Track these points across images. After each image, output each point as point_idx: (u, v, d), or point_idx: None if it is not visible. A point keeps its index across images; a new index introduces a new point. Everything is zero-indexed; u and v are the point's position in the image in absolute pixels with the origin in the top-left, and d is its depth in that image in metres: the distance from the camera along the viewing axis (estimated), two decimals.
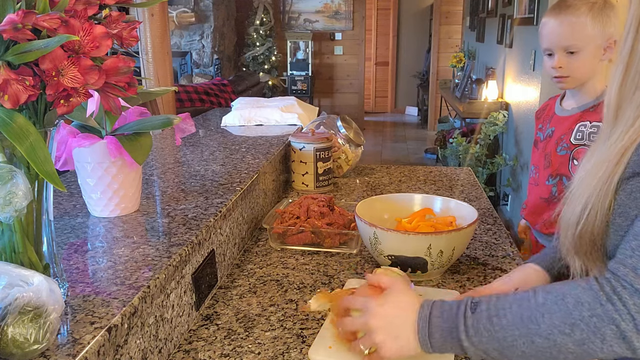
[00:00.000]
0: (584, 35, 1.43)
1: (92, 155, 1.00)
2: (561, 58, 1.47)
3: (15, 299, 0.59)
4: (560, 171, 1.56)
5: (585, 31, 1.42)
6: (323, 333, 0.90)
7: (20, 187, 0.62)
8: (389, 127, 8.30)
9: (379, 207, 1.26)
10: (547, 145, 1.62)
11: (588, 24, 1.42)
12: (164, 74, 2.67)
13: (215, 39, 6.14)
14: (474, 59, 5.74)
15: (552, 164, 1.58)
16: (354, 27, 7.31)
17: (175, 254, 0.88)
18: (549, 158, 1.60)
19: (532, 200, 1.67)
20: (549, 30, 1.48)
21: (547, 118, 1.65)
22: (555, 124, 1.60)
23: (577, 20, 1.42)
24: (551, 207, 1.58)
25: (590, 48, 1.44)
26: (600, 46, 1.45)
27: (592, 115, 1.50)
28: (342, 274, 1.17)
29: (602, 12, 1.43)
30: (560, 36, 1.46)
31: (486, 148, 4.13)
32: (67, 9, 0.64)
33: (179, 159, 1.53)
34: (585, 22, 1.42)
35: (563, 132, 1.56)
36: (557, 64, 1.47)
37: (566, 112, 1.58)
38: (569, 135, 1.53)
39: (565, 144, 1.54)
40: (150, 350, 0.81)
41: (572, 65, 1.47)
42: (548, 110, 1.68)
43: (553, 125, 1.61)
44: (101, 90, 0.69)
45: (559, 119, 1.60)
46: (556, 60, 1.47)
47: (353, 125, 1.88)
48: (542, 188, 1.61)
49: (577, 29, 1.43)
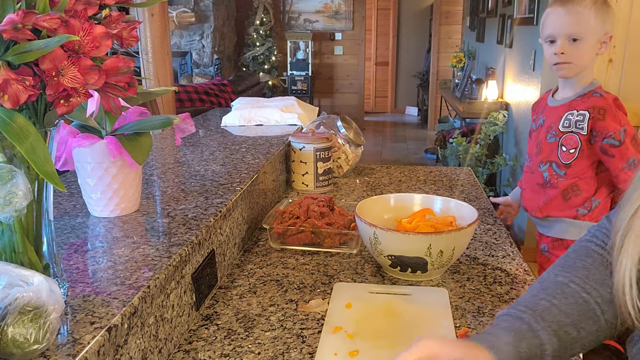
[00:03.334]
0: (588, 25, 1.53)
1: (92, 155, 1.00)
2: (564, 44, 1.56)
3: (15, 299, 0.59)
4: (550, 157, 1.66)
5: (590, 22, 1.53)
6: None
7: (20, 187, 0.62)
8: (389, 127, 8.30)
9: (379, 207, 1.26)
10: (538, 134, 1.72)
11: (592, 16, 1.53)
12: (164, 74, 2.67)
13: (215, 39, 6.14)
14: (474, 59, 5.74)
15: (542, 150, 1.69)
16: (354, 27, 7.31)
17: (175, 254, 0.88)
18: (540, 146, 1.70)
19: (529, 187, 1.77)
20: (555, 17, 1.57)
21: (540, 109, 1.76)
22: (547, 114, 1.70)
23: (583, 11, 1.53)
24: (546, 192, 1.69)
25: (591, 39, 1.55)
26: (599, 40, 1.56)
27: (579, 105, 1.60)
28: (342, 274, 1.17)
29: (603, 8, 1.54)
30: (566, 23, 1.55)
31: (486, 148, 4.13)
32: (67, 9, 0.64)
33: (179, 159, 1.53)
34: (589, 14, 1.53)
35: (552, 120, 1.66)
36: (560, 50, 1.56)
37: (557, 102, 1.68)
38: (557, 124, 1.64)
39: (554, 131, 1.65)
40: (150, 350, 0.81)
41: (574, 53, 1.56)
42: (541, 102, 1.78)
43: (545, 115, 1.71)
44: (101, 90, 0.69)
45: (550, 109, 1.70)
46: (559, 46, 1.56)
47: (353, 125, 1.88)
48: (536, 174, 1.71)
49: (583, 18, 1.53)
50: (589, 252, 0.83)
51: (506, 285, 1.11)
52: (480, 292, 1.08)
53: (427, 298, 1.05)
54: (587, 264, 0.81)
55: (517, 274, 1.16)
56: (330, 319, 0.97)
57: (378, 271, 1.18)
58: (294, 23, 7.30)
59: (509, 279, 1.14)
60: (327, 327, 0.94)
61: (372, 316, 0.98)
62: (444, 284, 1.12)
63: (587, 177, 1.63)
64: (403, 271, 1.12)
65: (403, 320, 0.97)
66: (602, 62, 3.01)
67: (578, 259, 0.83)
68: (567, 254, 0.86)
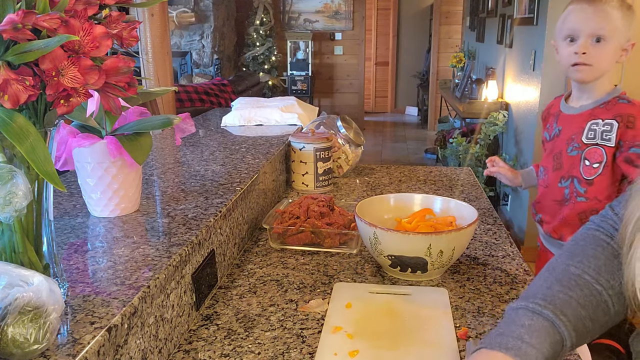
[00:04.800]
0: (615, 26, 1.43)
1: (92, 155, 1.00)
2: (587, 43, 1.43)
3: (15, 299, 0.59)
4: (572, 173, 1.50)
5: (616, 23, 1.43)
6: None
7: (20, 187, 0.62)
8: (389, 127, 8.30)
9: (379, 207, 1.26)
10: (554, 145, 1.57)
11: (619, 18, 1.43)
12: (164, 74, 2.67)
13: (215, 39, 6.14)
14: (474, 59, 5.74)
15: (563, 165, 1.53)
16: (354, 27, 7.31)
17: (175, 254, 0.88)
18: (558, 159, 1.54)
19: (545, 202, 1.62)
20: (580, 14, 1.45)
21: (554, 117, 1.60)
22: (563, 123, 1.55)
23: (612, 11, 1.43)
24: (562, 211, 1.55)
25: (615, 42, 1.44)
26: (622, 44, 1.45)
27: (604, 113, 1.45)
28: (342, 274, 1.17)
29: (629, 13, 1.45)
30: (593, 21, 1.43)
31: (486, 148, 4.13)
32: (67, 9, 0.64)
33: (179, 159, 1.53)
34: (617, 16, 1.43)
35: (573, 131, 1.50)
36: (582, 49, 1.43)
37: (574, 109, 1.53)
38: (580, 135, 1.48)
39: (576, 143, 1.49)
40: (150, 350, 0.81)
41: (596, 54, 1.43)
42: (553, 109, 1.63)
43: (560, 124, 1.56)
44: (101, 90, 0.69)
45: (566, 117, 1.54)
46: (581, 45, 1.44)
47: (353, 125, 1.88)
48: (554, 190, 1.56)
49: (611, 18, 1.43)
50: (598, 242, 0.81)
51: (506, 285, 1.11)
52: (480, 292, 1.08)
53: (427, 298, 1.05)
54: (597, 253, 0.80)
55: (517, 274, 1.16)
56: (330, 319, 0.97)
57: (378, 271, 1.18)
58: (294, 23, 7.30)
59: (509, 279, 1.14)
60: (327, 327, 0.94)
61: (372, 316, 0.98)
62: (444, 284, 1.12)
63: (607, 200, 1.46)
64: (403, 271, 1.12)
65: (403, 320, 0.97)
66: None
67: (588, 247, 0.81)
68: (575, 242, 0.84)
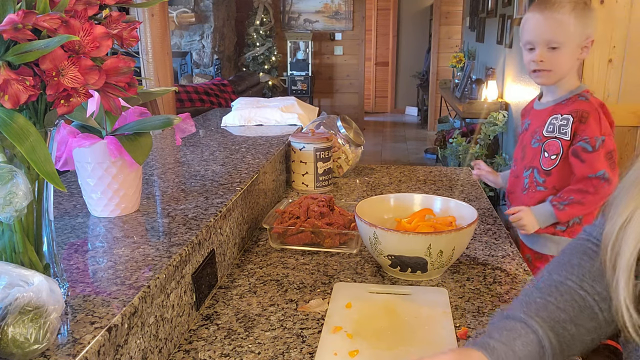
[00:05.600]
0: (567, 32, 1.47)
1: (92, 155, 1.00)
2: (543, 52, 1.50)
3: (16, 299, 0.59)
4: (533, 163, 1.59)
5: (568, 29, 1.47)
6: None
7: (20, 187, 0.62)
8: (389, 127, 8.30)
9: (379, 207, 1.26)
10: (523, 137, 1.66)
11: (571, 23, 1.47)
12: (164, 74, 2.67)
13: (215, 39, 6.14)
14: (473, 59, 5.74)
15: (526, 156, 1.62)
16: (353, 27, 7.31)
17: (176, 254, 0.88)
18: (524, 150, 1.64)
19: (515, 191, 1.68)
20: (533, 24, 1.52)
21: (527, 112, 1.71)
22: (532, 117, 1.65)
23: (562, 18, 1.46)
24: (523, 199, 1.61)
25: (571, 45, 1.49)
26: (579, 45, 1.50)
27: (564, 108, 1.54)
28: (342, 274, 1.17)
29: (583, 13, 1.48)
30: (544, 31, 1.49)
31: (486, 148, 4.13)
32: (67, 9, 0.64)
33: (179, 159, 1.54)
34: (569, 21, 1.46)
35: (537, 125, 1.60)
36: (539, 58, 1.51)
37: (542, 105, 1.63)
38: (542, 128, 1.57)
39: (538, 136, 1.58)
40: (151, 350, 0.81)
41: (553, 61, 1.50)
42: (528, 106, 1.73)
43: (530, 119, 1.66)
44: (101, 90, 0.69)
45: (535, 113, 1.65)
46: (537, 54, 1.51)
47: (353, 125, 1.88)
48: (520, 179, 1.64)
49: (561, 25, 1.47)
50: (585, 250, 0.81)
51: (506, 285, 1.11)
52: (480, 292, 1.08)
53: (427, 298, 1.05)
54: (583, 262, 0.79)
55: (517, 274, 1.16)
56: (330, 318, 0.97)
57: (378, 271, 1.18)
58: (294, 23, 7.30)
59: (508, 278, 1.14)
60: (327, 327, 0.94)
61: (372, 316, 0.98)
62: (444, 284, 1.12)
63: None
64: (403, 271, 1.12)
65: (403, 320, 0.97)
66: (602, 62, 3.01)
67: (573, 256, 0.81)
68: (562, 253, 0.85)
